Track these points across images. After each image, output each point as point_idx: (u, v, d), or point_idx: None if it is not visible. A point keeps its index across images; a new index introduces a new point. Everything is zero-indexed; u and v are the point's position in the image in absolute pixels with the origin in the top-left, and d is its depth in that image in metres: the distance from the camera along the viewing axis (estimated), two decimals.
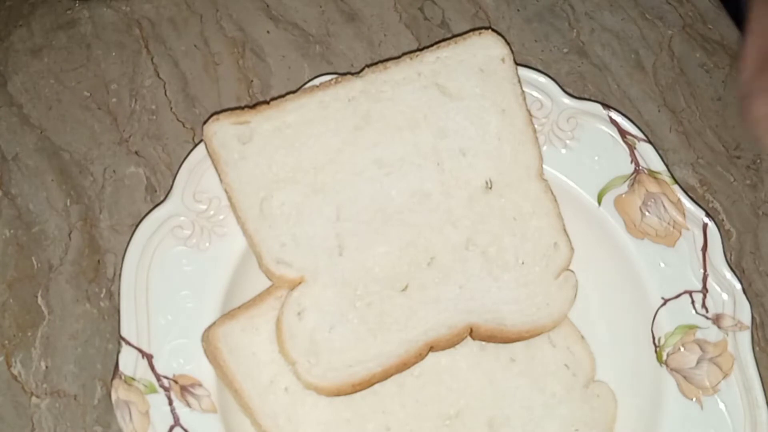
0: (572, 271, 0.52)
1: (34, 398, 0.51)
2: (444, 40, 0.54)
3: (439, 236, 0.51)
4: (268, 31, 0.61)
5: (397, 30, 0.62)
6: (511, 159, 0.52)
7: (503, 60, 0.53)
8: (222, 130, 0.50)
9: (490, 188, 0.52)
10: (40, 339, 0.53)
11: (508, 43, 0.54)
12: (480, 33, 0.53)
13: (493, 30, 0.54)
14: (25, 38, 0.60)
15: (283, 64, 0.60)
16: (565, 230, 0.52)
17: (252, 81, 0.60)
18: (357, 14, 0.62)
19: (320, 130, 0.50)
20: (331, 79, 0.52)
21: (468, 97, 0.52)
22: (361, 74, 0.52)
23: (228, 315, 0.49)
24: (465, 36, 0.53)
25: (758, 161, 0.60)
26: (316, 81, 0.54)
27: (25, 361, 0.52)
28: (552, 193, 0.53)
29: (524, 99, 0.53)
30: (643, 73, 0.62)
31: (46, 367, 0.52)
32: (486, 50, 0.53)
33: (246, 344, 0.48)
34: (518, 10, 0.63)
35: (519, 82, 0.53)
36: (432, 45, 0.54)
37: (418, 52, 0.53)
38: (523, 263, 0.51)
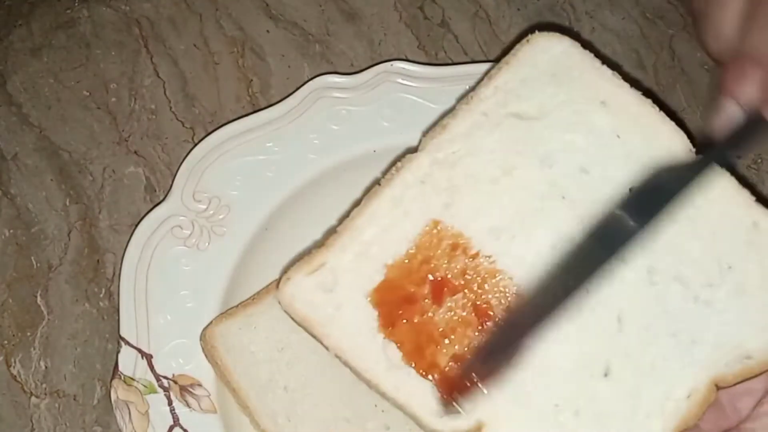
0: None
1: (33, 398, 0.51)
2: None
3: (618, 284, 0.41)
4: (267, 31, 0.61)
5: (397, 29, 0.62)
6: (644, 150, 0.42)
7: (570, 53, 0.44)
8: (300, 287, 0.41)
9: None
10: (40, 339, 0.53)
11: (565, 31, 0.45)
12: (528, 41, 0.45)
13: (541, 27, 0.46)
14: (25, 38, 0.60)
15: (283, 64, 0.60)
16: (757, 200, 0.42)
17: (251, 80, 0.60)
18: (357, 13, 0.62)
19: (405, 228, 0.42)
20: (389, 170, 0.43)
21: (554, 109, 0.43)
22: (420, 146, 0.43)
23: (226, 314, 0.49)
24: (513, 52, 0.45)
25: (758, 161, 0.60)
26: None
27: (25, 361, 0.52)
28: (718, 164, 0.42)
29: (621, 78, 0.44)
30: (644, 72, 0.62)
31: (46, 367, 0.52)
32: (545, 54, 0.44)
33: (244, 343, 0.48)
34: (518, 9, 0.63)
35: (602, 63, 0.45)
36: (481, 77, 0.45)
37: (468, 94, 0.44)
38: (729, 268, 0.41)
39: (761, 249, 0.42)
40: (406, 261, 0.41)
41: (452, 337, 0.40)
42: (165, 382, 0.49)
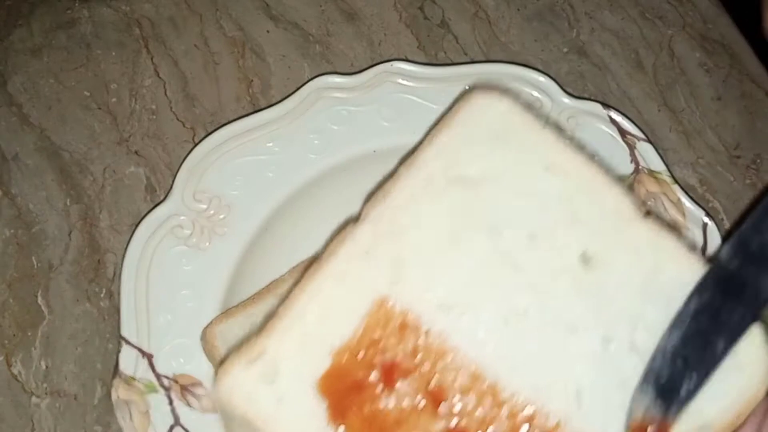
0: None
1: (34, 398, 0.51)
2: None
3: (564, 352, 0.39)
4: (267, 31, 0.61)
5: (397, 29, 0.62)
6: (592, 215, 0.41)
7: (511, 114, 0.42)
8: (239, 380, 0.37)
9: (591, 262, 0.40)
10: (40, 339, 0.53)
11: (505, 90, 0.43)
12: (467, 99, 0.42)
13: (477, 88, 0.43)
14: (25, 38, 0.60)
15: (283, 64, 0.60)
16: (708, 262, 0.41)
17: (252, 80, 0.60)
18: (357, 14, 0.62)
19: (351, 308, 0.39)
20: (331, 241, 0.40)
21: (498, 174, 0.41)
22: (362, 216, 0.40)
23: (226, 313, 0.49)
24: (453, 112, 0.42)
25: (758, 161, 0.60)
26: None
27: (25, 360, 0.52)
28: (666, 226, 0.42)
29: (563, 138, 0.42)
30: (643, 72, 0.62)
31: (46, 366, 0.52)
32: (485, 114, 0.42)
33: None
34: (518, 10, 0.63)
35: (546, 122, 0.42)
36: (418, 142, 0.43)
37: (410, 156, 0.42)
38: None
39: None
40: (353, 344, 0.38)
41: (407, 424, 0.37)
42: (166, 382, 0.49)
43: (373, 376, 0.38)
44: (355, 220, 0.41)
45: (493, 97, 0.42)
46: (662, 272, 0.41)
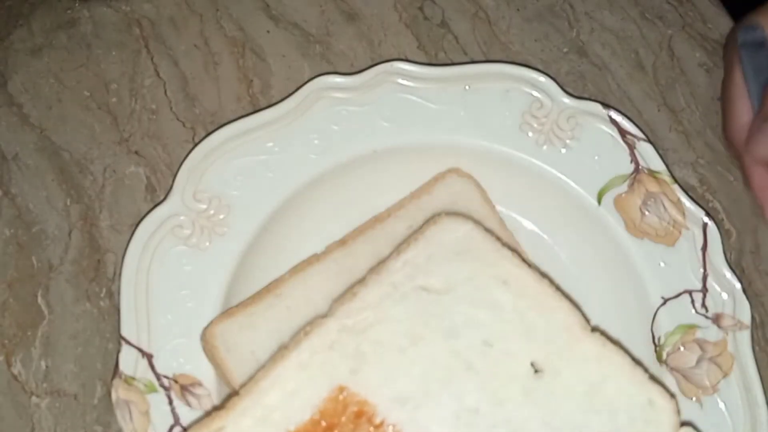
0: (689, 424, 0.46)
1: (34, 398, 0.51)
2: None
3: None
4: (268, 31, 0.61)
5: (397, 30, 0.62)
6: (543, 328, 0.45)
7: (473, 234, 0.46)
8: None
9: (541, 371, 0.44)
10: (40, 338, 0.53)
11: (465, 215, 0.48)
12: (435, 221, 0.47)
13: (444, 213, 0.48)
14: (25, 38, 0.60)
15: (283, 64, 0.60)
16: (651, 378, 0.45)
17: (252, 81, 0.60)
18: (357, 14, 0.62)
19: (309, 396, 0.42)
20: (298, 333, 0.44)
21: (459, 285, 0.45)
22: (329, 312, 0.44)
23: (226, 313, 0.49)
24: (421, 231, 0.47)
25: None
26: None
27: (25, 360, 0.52)
28: (610, 340, 0.46)
29: (520, 257, 0.47)
30: (643, 72, 0.62)
31: (46, 366, 0.52)
32: (450, 234, 0.46)
33: (244, 342, 0.49)
34: (518, 10, 0.63)
35: (503, 244, 0.47)
36: (387, 255, 0.47)
37: (378, 265, 0.46)
38: None
39: (658, 427, 0.44)
40: (310, 427, 0.41)
41: None
42: (166, 382, 0.49)
43: None
44: (322, 316, 0.44)
45: (458, 220, 0.47)
46: (608, 384, 0.44)
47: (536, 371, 0.44)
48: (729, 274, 0.52)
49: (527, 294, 0.45)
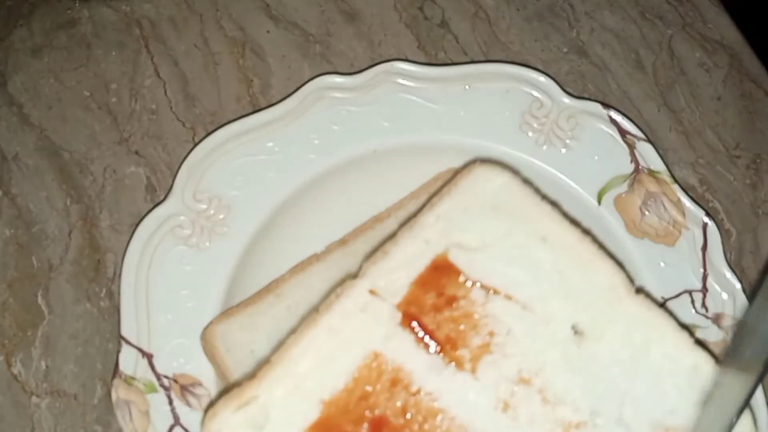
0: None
1: (34, 398, 0.51)
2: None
3: (551, 423, 0.40)
4: (268, 31, 0.61)
5: (397, 29, 0.62)
6: (585, 287, 0.42)
7: (510, 186, 0.44)
8: (227, 424, 0.38)
9: (582, 334, 0.42)
10: (41, 338, 0.53)
11: (506, 165, 0.45)
12: (469, 170, 0.45)
13: (479, 160, 0.46)
14: (25, 38, 0.60)
15: (283, 64, 0.60)
16: (696, 342, 0.43)
17: (252, 81, 0.60)
18: (357, 14, 0.62)
19: (344, 361, 0.40)
20: (329, 295, 0.42)
21: (495, 243, 0.43)
22: (360, 273, 0.42)
23: (226, 313, 0.49)
24: (455, 181, 0.44)
25: (758, 161, 0.60)
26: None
27: (25, 360, 0.52)
28: (656, 303, 0.43)
29: (560, 212, 0.44)
30: (643, 72, 0.62)
31: (46, 366, 0.52)
32: (485, 185, 0.44)
33: (244, 342, 0.49)
34: (518, 10, 0.63)
35: (543, 196, 0.45)
36: (424, 203, 0.45)
37: (410, 220, 0.44)
38: (672, 412, 0.41)
39: (702, 392, 0.42)
40: (344, 396, 0.39)
41: None
42: (166, 382, 0.49)
43: (362, 429, 0.39)
44: (353, 276, 0.42)
45: (494, 169, 0.44)
46: (651, 349, 0.42)
47: (577, 336, 0.41)
48: (729, 274, 0.52)
49: (568, 252, 0.43)
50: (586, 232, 0.44)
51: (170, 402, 0.48)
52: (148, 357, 0.49)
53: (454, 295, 0.41)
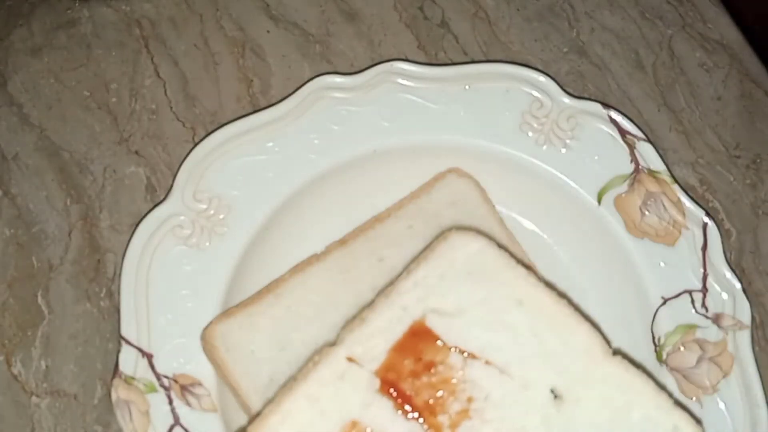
0: None
1: (34, 398, 0.51)
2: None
3: None
4: (268, 31, 0.61)
5: (397, 29, 0.62)
6: (562, 350, 0.43)
7: (485, 251, 0.44)
8: None
9: (561, 397, 0.42)
10: (41, 338, 0.53)
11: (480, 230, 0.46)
12: (445, 236, 0.45)
13: (454, 228, 0.46)
14: (25, 38, 0.60)
15: (284, 64, 0.60)
16: (675, 403, 0.43)
17: (252, 80, 0.60)
18: (357, 14, 0.62)
19: (322, 430, 0.40)
20: (306, 363, 0.42)
21: (472, 308, 0.43)
22: (338, 340, 0.42)
23: (226, 313, 0.49)
24: (431, 248, 0.45)
25: (758, 161, 0.60)
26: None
27: (25, 360, 0.52)
28: (632, 364, 0.44)
29: (536, 276, 0.45)
30: (643, 72, 0.62)
31: (46, 366, 0.52)
32: (461, 251, 0.44)
33: (244, 342, 0.49)
34: (518, 10, 0.63)
35: (518, 262, 0.45)
36: (398, 274, 0.45)
37: (387, 288, 0.44)
38: None
39: None
40: None
41: None
42: (165, 382, 0.49)
43: None
44: (330, 344, 0.42)
45: (469, 235, 0.44)
46: (632, 411, 0.42)
47: (556, 398, 0.42)
48: (729, 274, 0.52)
49: (544, 315, 0.43)
50: (562, 295, 0.45)
51: (170, 402, 0.48)
52: (148, 357, 0.49)
53: (432, 360, 0.41)
